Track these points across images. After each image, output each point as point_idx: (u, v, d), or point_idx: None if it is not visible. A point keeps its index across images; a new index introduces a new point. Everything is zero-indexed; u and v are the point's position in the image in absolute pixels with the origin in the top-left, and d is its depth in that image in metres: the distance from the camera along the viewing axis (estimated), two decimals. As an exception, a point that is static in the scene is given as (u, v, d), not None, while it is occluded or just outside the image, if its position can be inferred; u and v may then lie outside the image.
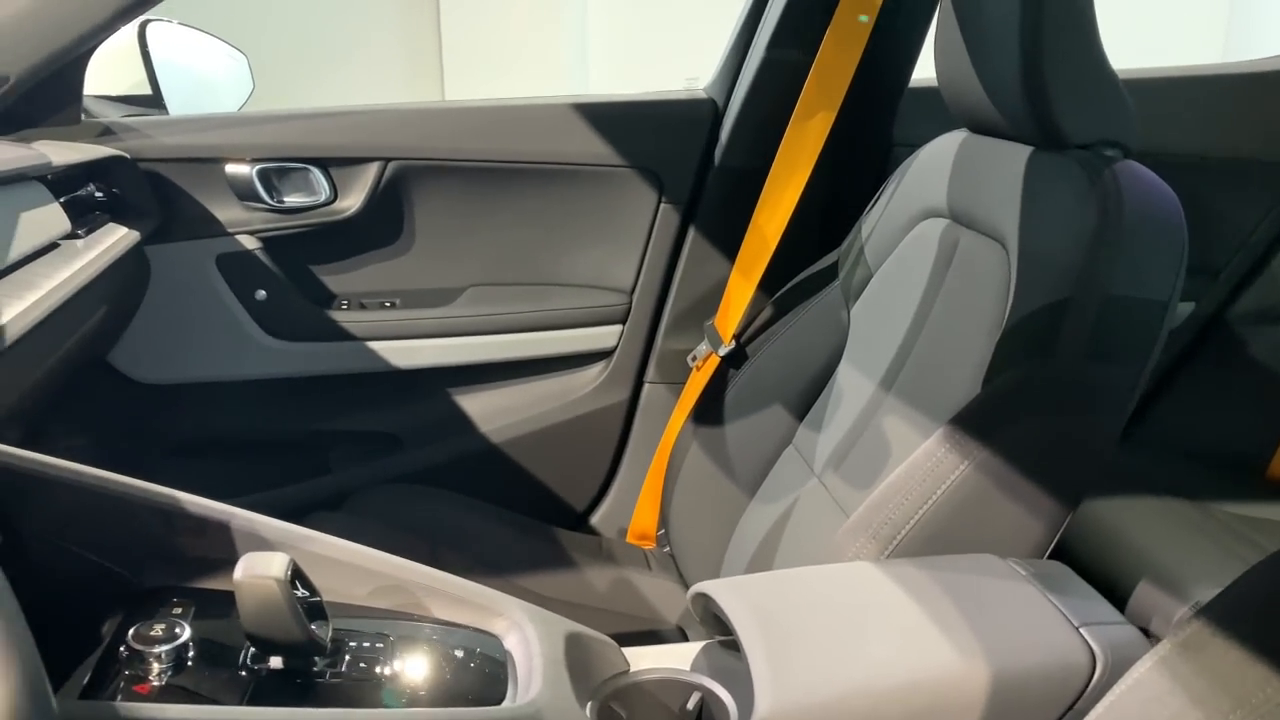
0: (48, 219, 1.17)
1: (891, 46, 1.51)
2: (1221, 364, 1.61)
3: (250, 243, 1.52)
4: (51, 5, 1.31)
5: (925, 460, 0.92)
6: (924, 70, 1.50)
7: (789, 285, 1.48)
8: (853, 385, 1.25)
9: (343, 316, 1.59)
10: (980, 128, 1.19)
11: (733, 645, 0.78)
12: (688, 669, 0.80)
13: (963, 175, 1.18)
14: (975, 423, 0.92)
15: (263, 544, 0.76)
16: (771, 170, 1.52)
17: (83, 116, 1.44)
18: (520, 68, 4.29)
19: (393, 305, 1.61)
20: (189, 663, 0.69)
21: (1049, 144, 1.06)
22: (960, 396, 0.98)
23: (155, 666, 0.67)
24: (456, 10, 4.40)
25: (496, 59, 4.33)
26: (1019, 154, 1.08)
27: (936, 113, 1.25)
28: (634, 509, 1.68)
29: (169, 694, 0.66)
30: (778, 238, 1.52)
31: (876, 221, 1.32)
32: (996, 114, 1.11)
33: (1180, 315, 1.62)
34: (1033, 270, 0.99)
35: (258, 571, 0.65)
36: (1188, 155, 1.57)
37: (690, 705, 0.79)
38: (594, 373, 1.68)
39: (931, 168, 1.24)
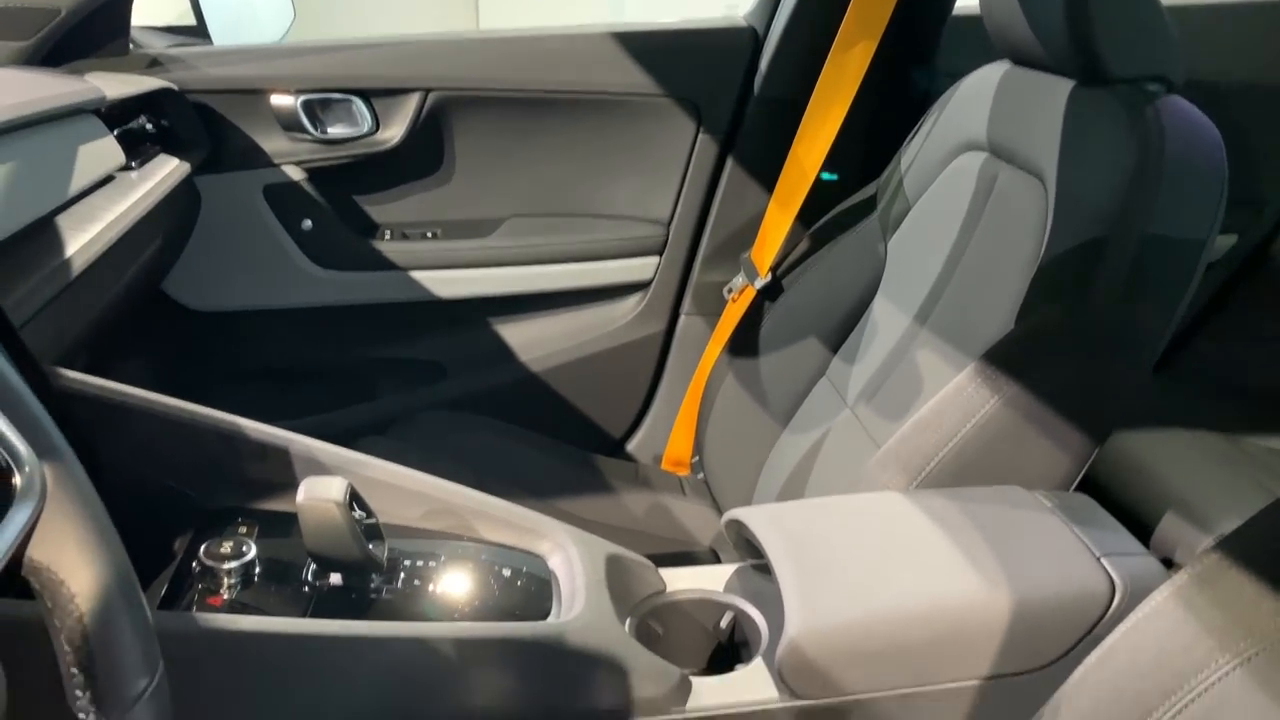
0: (103, 152, 1.21)
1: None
2: (1261, 298, 1.60)
3: (296, 173, 1.55)
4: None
5: (956, 394, 0.95)
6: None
7: (826, 218, 1.48)
8: (887, 318, 1.27)
9: (386, 247, 1.62)
10: (1022, 59, 1.18)
11: (764, 569, 0.81)
12: (721, 590, 0.84)
13: (1003, 108, 1.17)
14: (1007, 359, 0.94)
15: (320, 468, 0.80)
16: (811, 101, 1.52)
17: (130, 48, 1.47)
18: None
19: (434, 236, 1.64)
20: (255, 579, 0.74)
21: (1092, 78, 1.05)
22: (994, 332, 1.00)
23: (225, 581, 0.72)
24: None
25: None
26: (1061, 88, 1.08)
27: (981, 42, 1.24)
28: (669, 437, 1.72)
29: (238, 606, 0.72)
30: (816, 169, 1.52)
31: (916, 153, 1.32)
32: (1039, 46, 1.10)
33: (1221, 248, 1.60)
34: (1070, 209, 0.99)
35: (319, 495, 0.69)
36: (1236, 84, 1.54)
37: (724, 624, 0.84)
38: (631, 304, 1.71)
39: (973, 99, 1.23)
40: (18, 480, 0.40)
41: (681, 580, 0.85)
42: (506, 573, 0.78)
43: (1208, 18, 1.58)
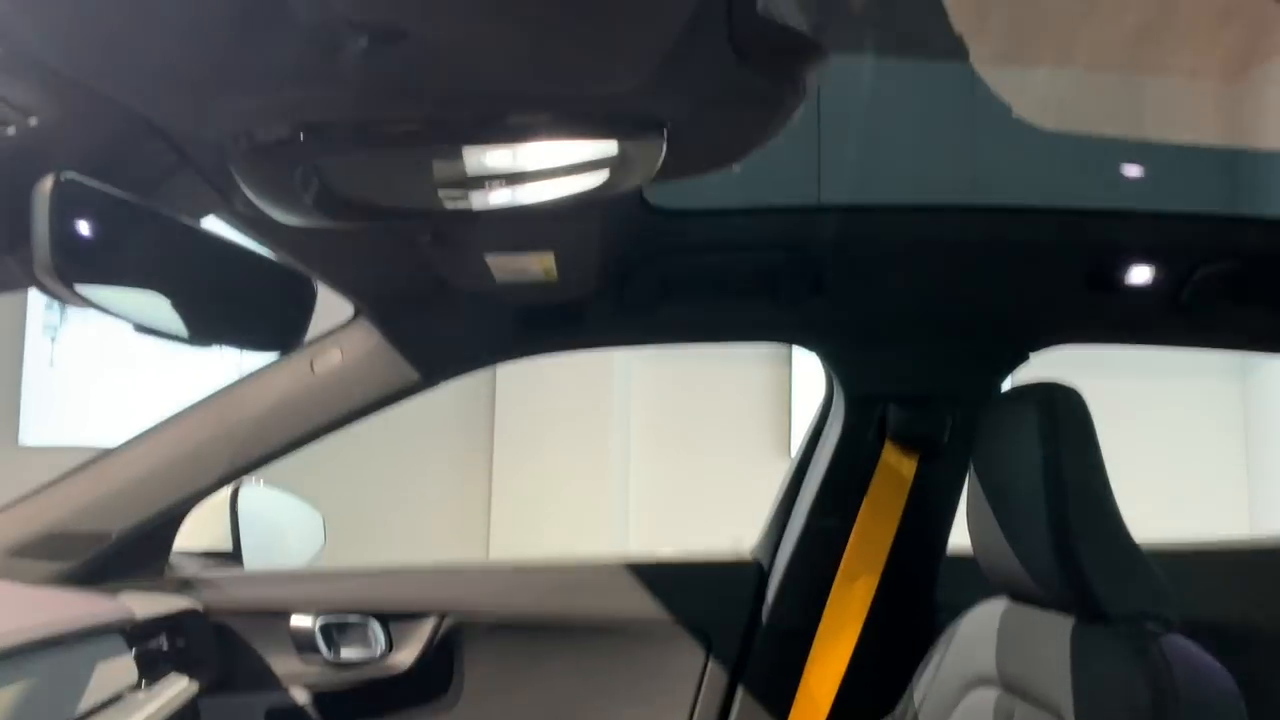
0: (119, 671, 1.21)
1: (927, 516, 1.61)
2: None
3: (302, 696, 1.53)
4: (162, 472, 1.47)
5: None
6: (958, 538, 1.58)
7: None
8: None
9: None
10: (1019, 596, 1.23)
11: None
12: None
13: (1009, 645, 1.20)
14: None
15: None
16: (819, 632, 1.55)
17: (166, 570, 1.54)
18: (564, 524, 4.48)
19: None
20: None
21: (1089, 615, 1.09)
22: None
23: None
24: (508, 475, 4.71)
25: (542, 517, 4.55)
26: (1062, 625, 1.11)
27: (975, 579, 1.30)
28: None
29: None
30: (829, 700, 1.50)
31: (928, 688, 1.31)
32: (1034, 585, 1.16)
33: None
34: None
35: None
36: (1237, 627, 1.58)
37: None
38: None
39: (977, 636, 1.26)
40: None
41: None
42: None
43: (1203, 561, 1.67)
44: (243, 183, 0.78)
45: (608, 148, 0.84)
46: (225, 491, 1.70)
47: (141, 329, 0.73)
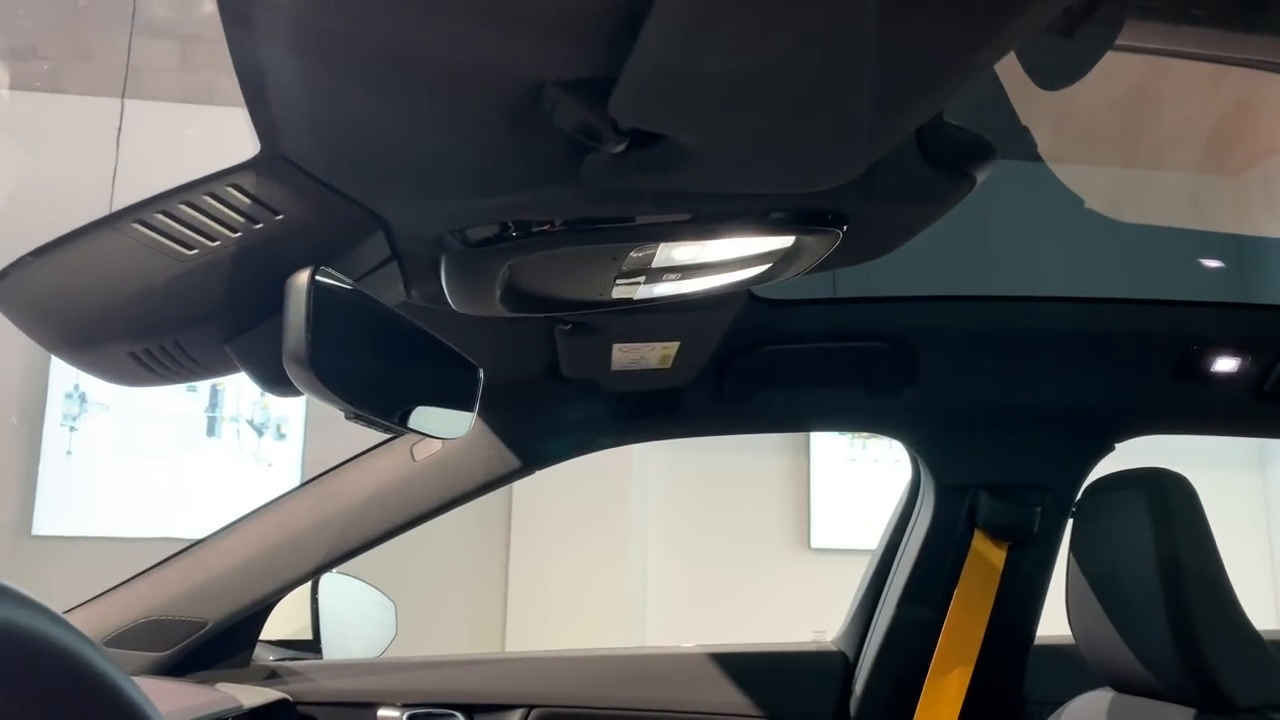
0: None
1: (1017, 607, 1.61)
2: None
3: (393, 790, 1.50)
4: (259, 560, 1.46)
5: None
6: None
7: None
8: None
9: None
10: (1129, 687, 1.23)
11: None
12: None
13: (1129, 736, 1.19)
14: None
15: None
16: (912, 726, 1.53)
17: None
18: (582, 621, 4.42)
19: None
20: None
21: (1213, 707, 1.09)
22: None
23: None
24: (525, 570, 4.66)
25: (560, 614, 4.49)
26: (1182, 717, 1.11)
27: (1064, 669, 1.30)
28: None
29: None
30: (926, 800, 1.48)
31: (1040, 782, 1.30)
32: (1150, 675, 1.15)
33: None
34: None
35: None
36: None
37: None
38: None
39: (1090, 728, 1.25)
40: None
41: None
42: None
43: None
44: (446, 277, 0.81)
45: (784, 240, 0.87)
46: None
47: (355, 416, 0.75)
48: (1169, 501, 1.18)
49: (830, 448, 4.56)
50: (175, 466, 4.16)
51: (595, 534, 4.62)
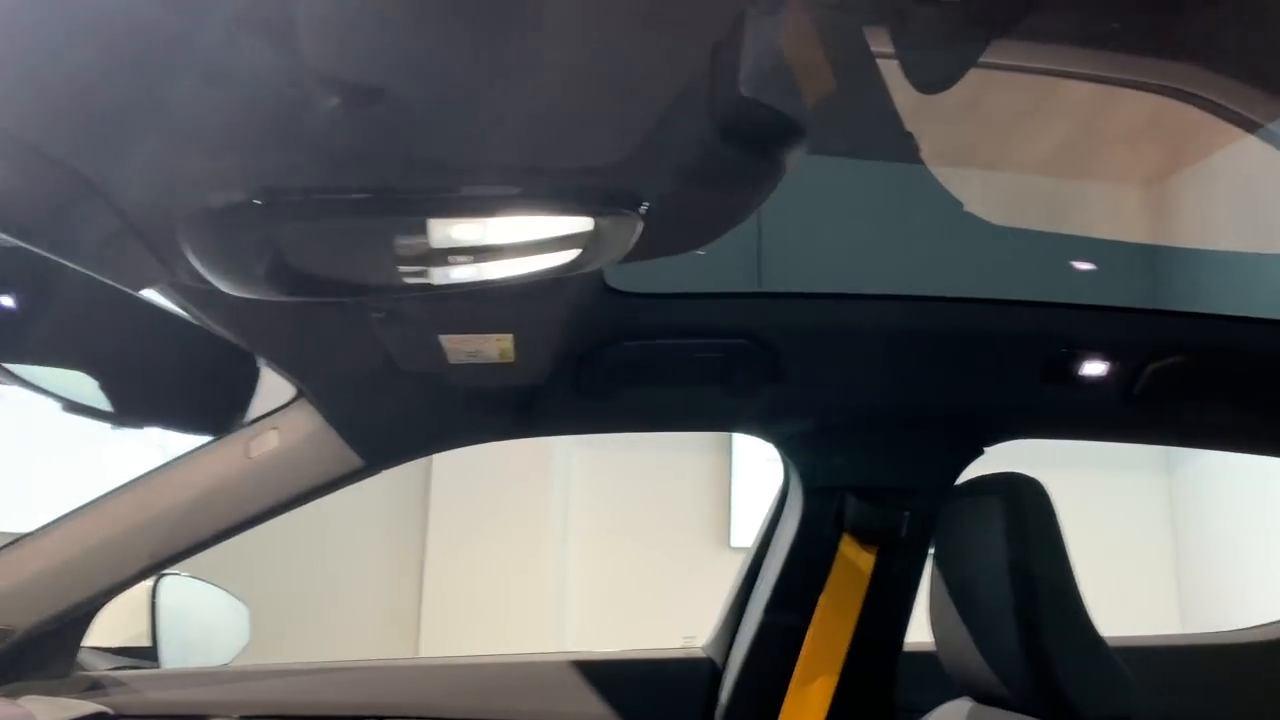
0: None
1: (886, 611, 1.56)
2: None
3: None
4: (76, 564, 1.37)
5: None
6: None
7: None
8: None
9: None
10: (984, 698, 1.19)
11: None
12: None
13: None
14: None
15: None
16: (775, 735, 1.48)
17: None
18: (499, 619, 4.34)
19: None
20: None
21: (1060, 718, 1.06)
22: None
23: None
24: (441, 567, 4.56)
25: (477, 612, 4.40)
26: None
27: (936, 676, 1.26)
28: None
29: None
30: (786, 809, 1.43)
31: (893, 795, 1.26)
32: (1002, 686, 1.12)
33: None
34: None
35: None
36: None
37: None
38: None
39: (944, 738, 1.21)
40: None
41: None
42: None
43: (1166, 658, 1.66)
44: (190, 252, 0.73)
45: (582, 224, 0.81)
46: (146, 582, 1.59)
47: (71, 408, 0.67)
48: (1023, 508, 1.14)
49: (752, 446, 4.54)
50: (79, 460, 4.00)
51: (515, 531, 4.53)
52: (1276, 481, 3.69)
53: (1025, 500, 1.15)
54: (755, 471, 4.45)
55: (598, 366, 1.40)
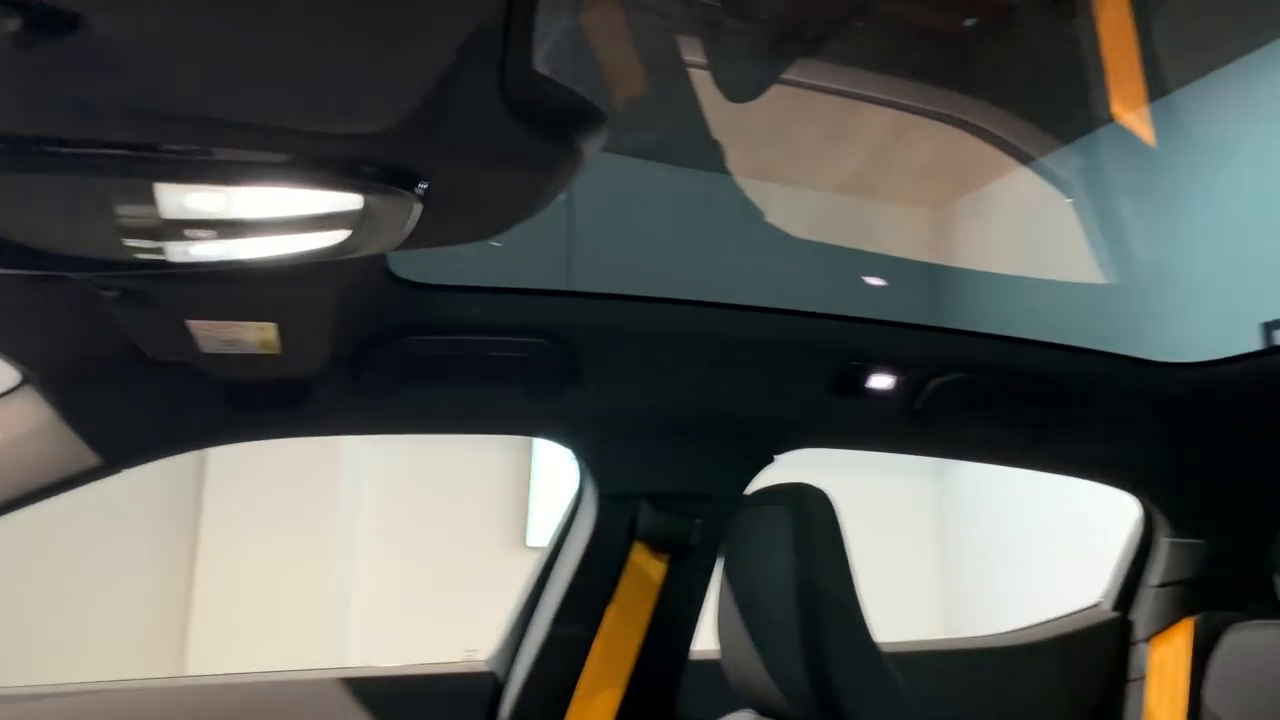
0: None
1: (674, 622, 1.54)
2: None
3: None
4: None
5: None
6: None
7: None
8: None
9: None
10: (765, 710, 1.18)
11: None
12: None
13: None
14: None
15: None
16: (555, 752, 1.42)
17: None
18: (275, 629, 4.08)
19: None
20: None
21: None
22: None
23: None
24: (213, 571, 4.25)
25: (250, 620, 4.12)
26: None
27: (716, 687, 1.25)
28: None
29: None
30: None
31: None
32: (783, 698, 1.11)
33: None
34: None
35: None
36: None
37: None
38: None
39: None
40: None
41: None
42: None
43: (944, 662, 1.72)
44: None
45: (349, 202, 0.71)
46: None
47: None
48: (811, 521, 1.14)
49: (555, 446, 4.48)
50: None
51: (299, 531, 4.27)
52: (1031, 488, 3.99)
53: (812, 512, 1.14)
54: (556, 471, 4.40)
55: (379, 362, 1.29)
